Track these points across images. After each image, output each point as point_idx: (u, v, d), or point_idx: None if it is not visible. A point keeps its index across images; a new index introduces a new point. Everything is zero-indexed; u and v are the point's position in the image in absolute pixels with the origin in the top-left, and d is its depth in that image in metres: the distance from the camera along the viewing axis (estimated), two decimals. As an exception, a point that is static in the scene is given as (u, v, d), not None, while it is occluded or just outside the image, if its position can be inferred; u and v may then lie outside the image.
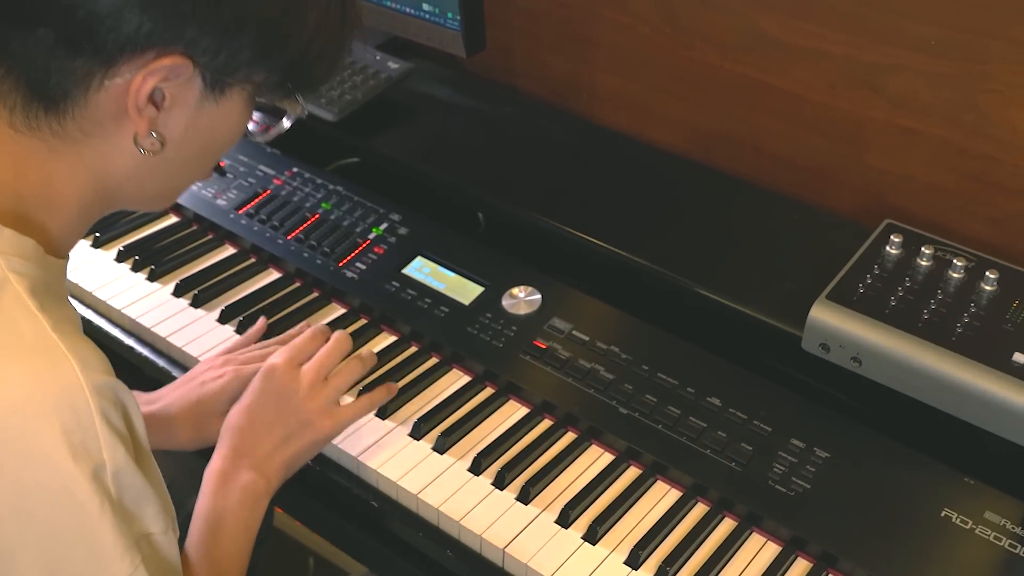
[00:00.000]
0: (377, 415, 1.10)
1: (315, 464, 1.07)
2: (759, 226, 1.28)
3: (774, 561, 0.98)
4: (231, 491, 0.97)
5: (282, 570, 1.66)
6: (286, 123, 0.96)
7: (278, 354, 1.06)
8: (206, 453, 1.02)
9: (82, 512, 0.71)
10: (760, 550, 0.99)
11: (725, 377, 1.11)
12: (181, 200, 1.37)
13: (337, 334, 1.10)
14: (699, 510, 1.03)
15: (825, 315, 1.05)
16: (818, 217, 1.27)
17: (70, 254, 0.85)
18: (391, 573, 1.10)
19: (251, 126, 0.89)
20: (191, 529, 0.96)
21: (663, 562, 0.96)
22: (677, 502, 1.03)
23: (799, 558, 0.98)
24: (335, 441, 1.07)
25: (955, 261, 1.08)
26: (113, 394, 0.74)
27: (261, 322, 1.20)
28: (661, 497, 1.04)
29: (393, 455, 1.06)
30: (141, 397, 1.12)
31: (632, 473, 1.06)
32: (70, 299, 0.84)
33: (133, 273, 1.29)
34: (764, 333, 1.13)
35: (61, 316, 0.75)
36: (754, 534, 1.01)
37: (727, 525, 1.01)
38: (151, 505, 0.75)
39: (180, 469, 1.05)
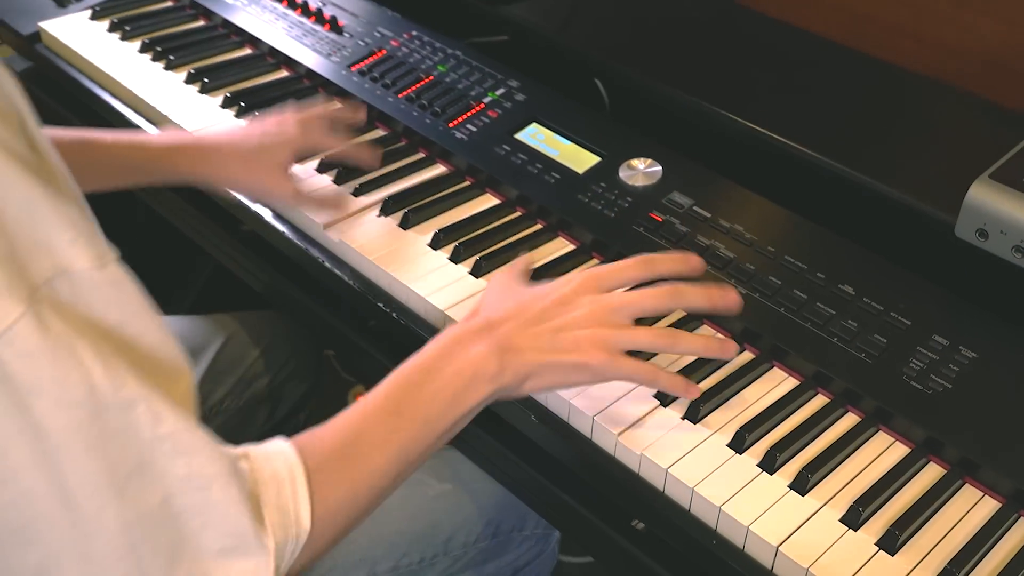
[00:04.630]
0: (472, 272, 1.02)
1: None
2: (912, 111, 1.14)
3: (901, 462, 0.85)
4: (457, 353, 0.79)
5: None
6: None
7: (591, 269, 0.87)
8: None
9: None
10: (886, 450, 0.87)
11: (862, 265, 0.99)
12: (294, 55, 1.31)
13: (670, 288, 0.86)
14: (818, 401, 0.91)
15: (987, 195, 0.91)
16: (984, 107, 1.12)
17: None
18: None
19: None
20: (388, 378, 0.79)
21: (772, 447, 0.85)
22: (794, 390, 0.91)
23: (931, 463, 0.86)
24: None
25: None
26: None
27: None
28: (776, 384, 0.92)
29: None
30: (197, 134, 1.08)
31: (745, 356, 0.95)
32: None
33: (237, 119, 1.23)
34: (910, 217, 1.00)
35: None
36: (880, 432, 0.88)
37: (849, 420, 0.89)
38: (65, 232, 0.56)
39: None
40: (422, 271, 1.02)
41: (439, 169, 1.17)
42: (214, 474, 0.61)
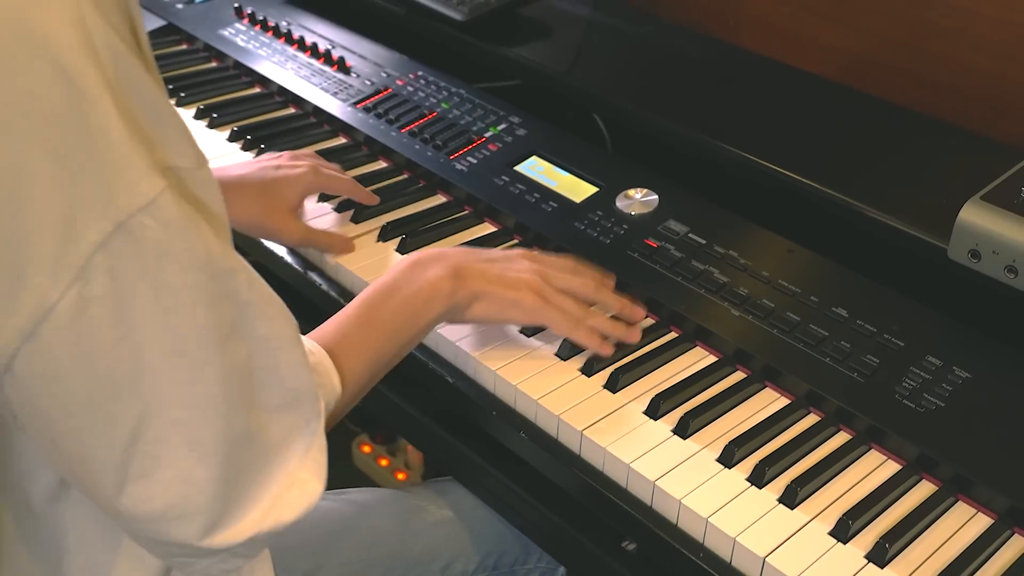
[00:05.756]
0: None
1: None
2: (906, 143, 1.14)
3: (892, 478, 0.84)
4: (416, 275, 0.90)
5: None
6: None
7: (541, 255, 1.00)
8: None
9: (87, 106, 0.55)
10: (878, 467, 0.86)
11: (855, 289, 0.99)
12: (301, 93, 1.33)
13: (597, 280, 0.99)
14: (810, 419, 0.90)
15: (979, 216, 0.92)
16: (978, 141, 1.13)
17: None
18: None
19: None
20: (357, 297, 0.89)
21: (761, 462, 0.84)
22: (785, 408, 0.91)
23: (924, 480, 0.85)
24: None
25: None
26: None
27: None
28: (768, 403, 0.92)
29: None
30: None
31: (737, 376, 0.94)
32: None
33: (243, 152, 1.26)
34: (904, 242, 0.99)
35: None
36: (872, 450, 0.87)
37: (841, 438, 0.89)
38: (174, 131, 0.60)
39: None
40: (417, 292, 1.03)
41: (439, 199, 1.18)
42: (288, 337, 0.67)
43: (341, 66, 1.38)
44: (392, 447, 1.82)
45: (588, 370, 0.94)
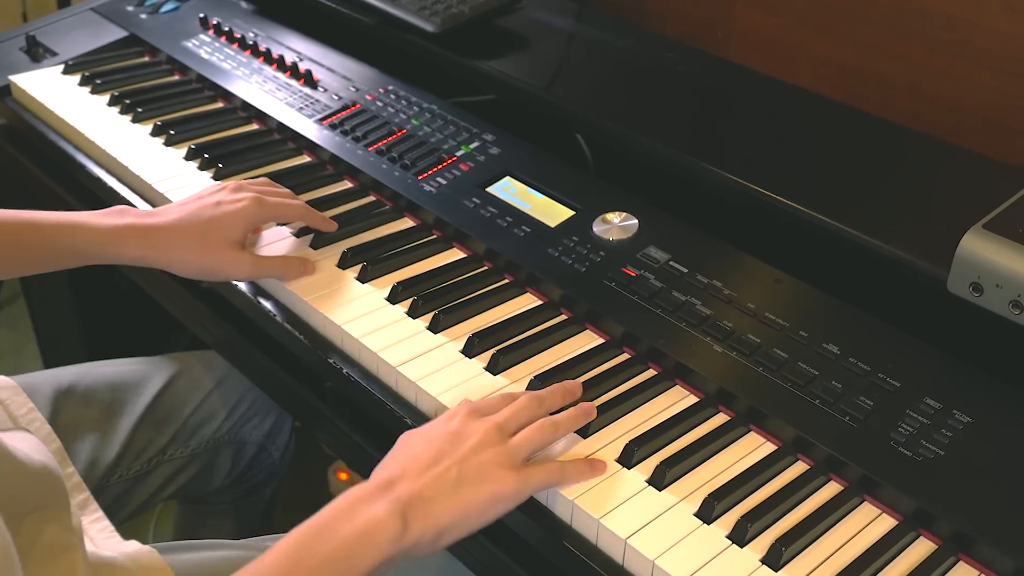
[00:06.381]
0: (429, 327, 0.96)
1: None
2: (902, 164, 1.07)
3: (887, 535, 0.77)
4: (355, 517, 0.73)
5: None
6: None
7: (465, 400, 0.85)
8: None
9: None
10: (871, 522, 0.78)
11: (848, 323, 0.92)
12: (264, 108, 1.26)
13: (532, 395, 0.85)
14: (798, 468, 0.83)
15: (981, 247, 0.84)
16: (979, 161, 1.06)
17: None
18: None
19: None
20: (285, 538, 0.74)
21: (743, 517, 0.77)
22: (770, 455, 0.83)
23: (921, 537, 0.77)
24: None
25: None
26: None
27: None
28: (752, 450, 0.85)
29: (459, 383, 0.91)
30: (143, 210, 1.01)
31: (719, 419, 0.87)
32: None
33: (199, 171, 1.19)
34: (900, 272, 0.92)
35: None
36: (865, 503, 0.80)
37: (831, 489, 0.81)
38: None
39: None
40: (375, 325, 0.96)
41: (406, 222, 1.11)
42: None
43: (308, 80, 1.31)
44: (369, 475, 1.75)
45: (558, 412, 0.87)
